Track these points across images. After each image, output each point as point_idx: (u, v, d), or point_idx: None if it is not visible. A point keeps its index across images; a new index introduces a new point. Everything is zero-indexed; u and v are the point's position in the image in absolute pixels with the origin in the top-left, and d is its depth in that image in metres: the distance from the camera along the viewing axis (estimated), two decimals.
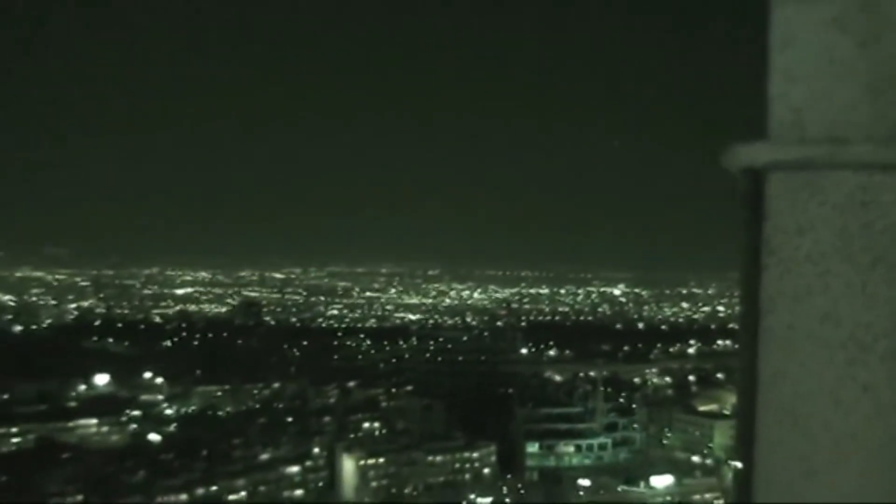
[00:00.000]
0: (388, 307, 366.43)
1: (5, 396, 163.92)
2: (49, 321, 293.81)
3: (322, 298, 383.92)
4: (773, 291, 2.82)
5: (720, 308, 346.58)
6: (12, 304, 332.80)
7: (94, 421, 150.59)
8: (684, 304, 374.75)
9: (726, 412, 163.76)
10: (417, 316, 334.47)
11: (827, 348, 2.75)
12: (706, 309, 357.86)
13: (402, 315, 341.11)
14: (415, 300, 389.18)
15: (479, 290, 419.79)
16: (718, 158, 2.94)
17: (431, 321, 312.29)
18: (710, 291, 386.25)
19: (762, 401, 2.87)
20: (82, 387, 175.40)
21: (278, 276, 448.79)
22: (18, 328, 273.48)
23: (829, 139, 2.71)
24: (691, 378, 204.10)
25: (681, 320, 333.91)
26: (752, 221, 2.86)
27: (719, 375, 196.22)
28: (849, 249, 2.70)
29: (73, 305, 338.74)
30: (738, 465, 3.03)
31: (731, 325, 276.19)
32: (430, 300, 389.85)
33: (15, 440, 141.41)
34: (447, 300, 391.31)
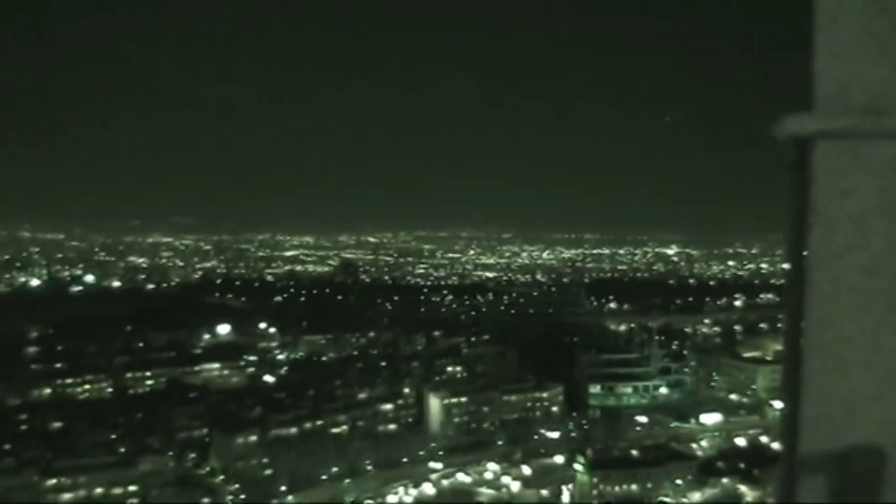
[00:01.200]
0: (468, 266, 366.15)
1: (140, 345, 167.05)
2: (177, 280, 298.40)
3: (410, 259, 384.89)
4: (819, 248, 2.86)
5: (763, 265, 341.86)
6: (145, 266, 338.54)
7: (217, 365, 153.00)
8: (731, 262, 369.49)
9: (768, 358, 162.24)
10: (493, 274, 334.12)
11: (867, 298, 2.80)
12: (751, 266, 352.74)
13: (479, 273, 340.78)
14: (491, 260, 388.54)
15: (547, 251, 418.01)
16: (766, 130, 2.94)
17: (505, 278, 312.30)
18: (753, 251, 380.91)
19: (808, 347, 2.88)
20: (206, 336, 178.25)
21: (372, 239, 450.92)
22: (151, 286, 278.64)
23: (869, 111, 2.76)
24: (737, 328, 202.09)
25: (728, 277, 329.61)
26: (799, 186, 2.89)
27: (762, 325, 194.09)
28: (887, 209, 2.76)
29: (198, 266, 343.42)
30: (784, 405, 3.05)
31: (772, 281, 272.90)
32: (505, 260, 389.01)
33: (149, 382, 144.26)
34: (519, 260, 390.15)
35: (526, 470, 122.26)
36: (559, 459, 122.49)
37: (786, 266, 3.01)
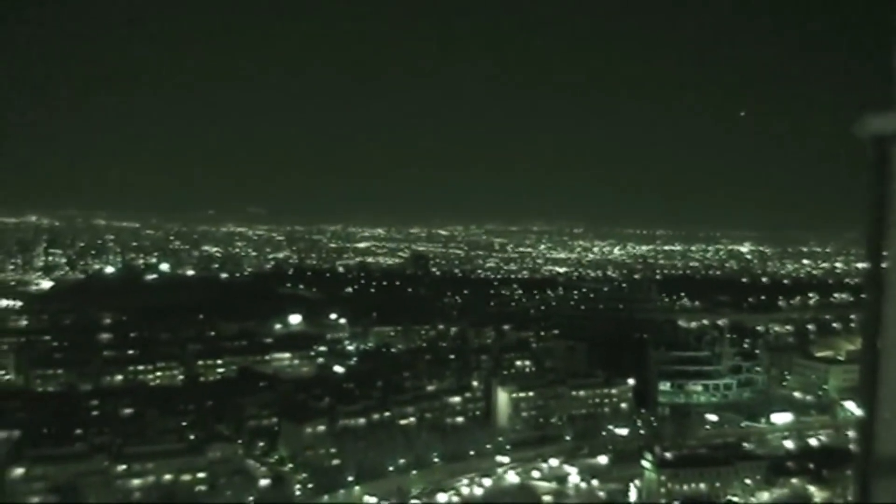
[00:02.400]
0: (538, 261, 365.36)
1: (212, 333, 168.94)
2: (250, 270, 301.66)
3: (481, 252, 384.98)
4: None
5: (837, 264, 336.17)
6: (219, 255, 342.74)
7: (287, 354, 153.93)
8: (805, 261, 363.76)
9: (841, 358, 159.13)
10: (564, 269, 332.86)
11: None
12: (825, 265, 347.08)
13: (550, 268, 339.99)
14: (562, 255, 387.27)
15: (618, 247, 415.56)
16: (846, 128, 2.89)
17: (576, 273, 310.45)
18: (828, 249, 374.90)
19: (886, 347, 2.79)
20: (277, 325, 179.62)
21: (443, 232, 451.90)
22: (224, 275, 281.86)
23: None
24: (810, 327, 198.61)
25: (801, 275, 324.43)
26: (879, 184, 2.82)
27: (835, 325, 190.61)
28: None
29: (270, 256, 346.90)
30: (860, 406, 3.00)
31: (847, 280, 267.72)
32: (575, 255, 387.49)
33: (220, 370, 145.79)
34: (590, 255, 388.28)
35: (593, 466, 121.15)
36: (627, 456, 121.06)
37: (864, 265, 2.96)
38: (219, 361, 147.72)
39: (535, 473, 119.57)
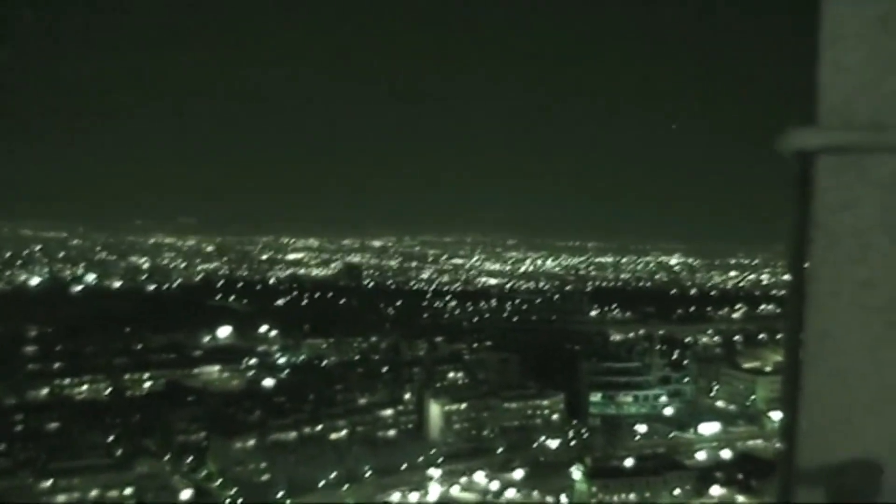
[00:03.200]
0: (472, 272, 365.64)
1: (139, 346, 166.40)
2: (179, 281, 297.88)
3: (414, 264, 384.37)
4: (819, 261, 2.83)
5: (764, 276, 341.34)
6: (146, 266, 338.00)
7: (217, 368, 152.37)
8: (732, 273, 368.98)
9: (768, 369, 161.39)
10: (497, 280, 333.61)
11: (867, 312, 2.78)
12: (752, 277, 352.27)
13: (483, 280, 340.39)
14: (495, 267, 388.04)
15: (551, 259, 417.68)
16: (770, 143, 2.92)
17: (509, 285, 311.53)
18: (755, 261, 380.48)
19: (807, 358, 2.86)
20: (206, 338, 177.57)
21: (377, 243, 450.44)
22: (152, 287, 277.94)
23: (872, 125, 2.74)
24: (737, 338, 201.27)
25: (729, 287, 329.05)
26: (801, 199, 2.87)
27: (762, 336, 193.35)
28: (888, 223, 2.73)
29: (200, 268, 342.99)
30: (782, 416, 3.05)
31: (774, 292, 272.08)
32: (509, 267, 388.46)
33: (147, 384, 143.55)
34: (523, 267, 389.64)
35: (524, 478, 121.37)
36: (559, 467, 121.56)
37: (787, 278, 3.03)
38: (146, 375, 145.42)
39: (466, 486, 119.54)
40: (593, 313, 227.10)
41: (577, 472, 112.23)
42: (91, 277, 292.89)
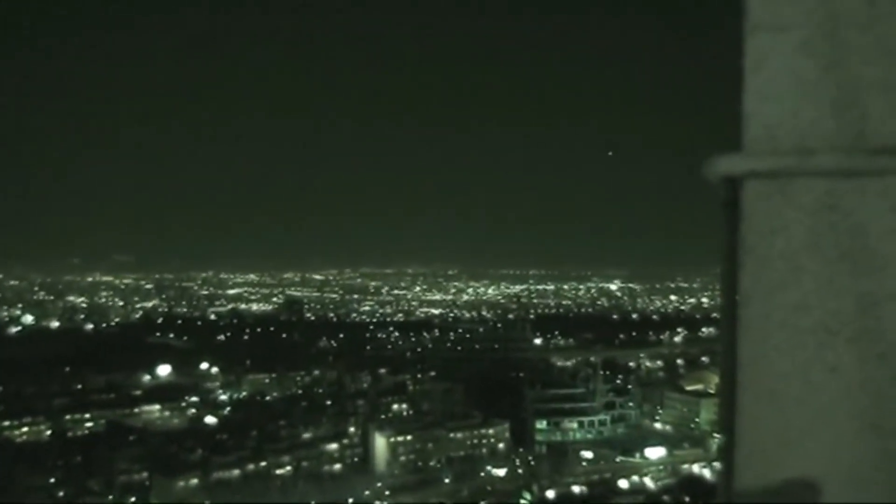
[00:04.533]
0: (414, 303, 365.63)
1: (79, 387, 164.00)
2: (117, 320, 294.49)
3: (356, 296, 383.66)
4: (750, 285, 2.83)
5: (704, 300, 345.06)
6: (84, 305, 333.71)
7: (157, 406, 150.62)
8: (673, 297, 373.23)
9: (711, 391, 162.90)
10: (439, 311, 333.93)
11: (799, 334, 2.78)
12: (692, 301, 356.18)
13: (425, 310, 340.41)
14: (437, 297, 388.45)
15: (492, 287, 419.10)
16: (700, 168, 2.97)
17: (451, 315, 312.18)
18: (695, 285, 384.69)
19: (742, 381, 2.88)
20: (147, 377, 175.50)
21: (318, 277, 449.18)
22: (90, 327, 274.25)
23: (797, 150, 2.76)
24: (679, 361, 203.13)
25: (670, 311, 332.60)
26: (730, 224, 2.88)
27: (704, 359, 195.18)
28: (817, 247, 2.73)
29: (138, 305, 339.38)
30: (722, 437, 3.05)
31: (714, 315, 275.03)
32: (450, 296, 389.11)
33: (88, 425, 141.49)
34: (465, 296, 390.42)
35: None
36: (505, 496, 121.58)
37: (719, 303, 3.03)
38: (86, 415, 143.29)
39: None
40: (536, 341, 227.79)
41: (523, 501, 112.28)
42: (29, 318, 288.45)
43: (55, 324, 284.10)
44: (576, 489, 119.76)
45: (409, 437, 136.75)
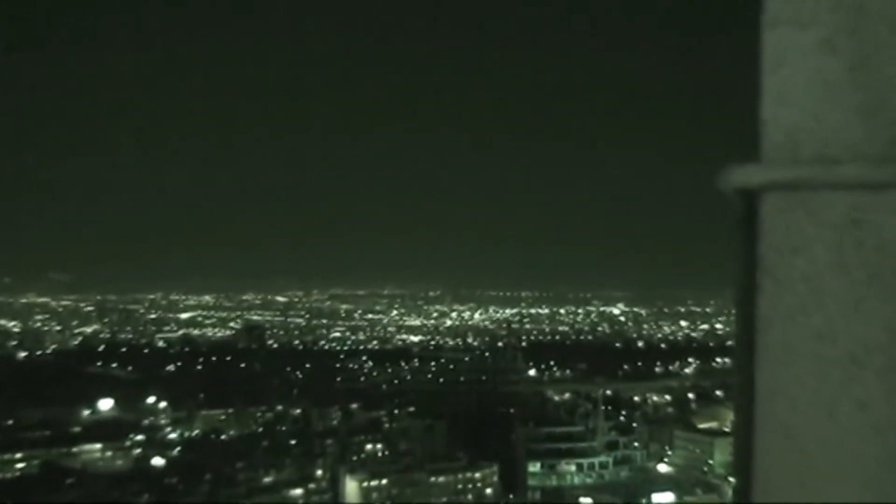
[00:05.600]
0: (390, 329, 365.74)
1: (9, 422, 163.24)
2: (53, 347, 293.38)
3: (324, 321, 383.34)
4: (769, 310, 2.79)
5: (718, 326, 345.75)
6: (16, 330, 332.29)
7: (98, 446, 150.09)
8: (683, 323, 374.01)
9: (726, 429, 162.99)
10: (419, 337, 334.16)
11: (823, 365, 2.72)
12: (705, 327, 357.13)
13: (403, 337, 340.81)
14: (416, 322, 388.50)
15: (479, 311, 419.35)
16: (713, 179, 2.90)
17: (433, 342, 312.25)
18: (708, 309, 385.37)
19: (759, 417, 2.83)
20: (86, 412, 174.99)
21: (281, 299, 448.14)
22: (23, 354, 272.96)
23: (820, 159, 2.72)
24: (691, 396, 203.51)
25: (680, 338, 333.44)
26: (746, 241, 2.84)
27: (718, 393, 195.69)
28: (843, 267, 2.69)
29: (78, 331, 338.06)
30: (736, 479, 2.99)
31: (729, 343, 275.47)
32: (432, 321, 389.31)
33: (19, 465, 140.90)
34: (448, 321, 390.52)
35: None
36: None
37: (735, 329, 2.94)
38: (18, 455, 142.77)
39: None
40: (530, 372, 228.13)
41: None
42: None
43: None
44: None
45: (384, 482, 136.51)
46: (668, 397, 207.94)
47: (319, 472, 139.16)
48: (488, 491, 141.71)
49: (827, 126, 2.74)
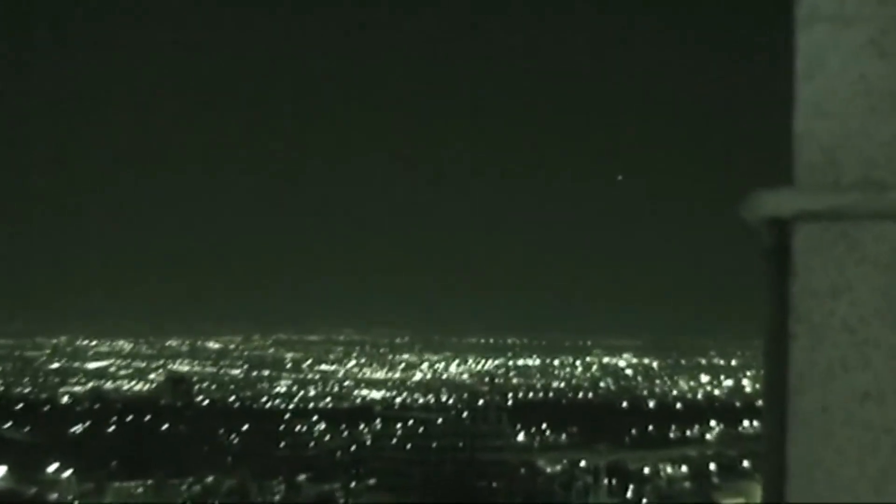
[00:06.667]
0: (347, 383, 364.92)
1: None
2: None
3: (267, 373, 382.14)
4: (804, 365, 2.68)
5: (746, 382, 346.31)
6: None
7: None
8: (703, 378, 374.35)
9: None
10: (382, 393, 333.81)
11: (869, 432, 2.63)
12: (729, 383, 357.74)
13: (363, 392, 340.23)
14: (379, 374, 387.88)
15: (456, 362, 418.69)
16: (739, 207, 2.82)
17: (399, 400, 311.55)
18: (733, 362, 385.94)
19: (793, 495, 2.72)
20: None
21: (213, 345, 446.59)
22: None
23: (866, 183, 2.63)
24: (712, 467, 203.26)
25: (699, 397, 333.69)
26: (777, 281, 2.75)
27: (746, 464, 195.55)
28: (892, 314, 2.59)
29: None
30: None
31: (759, 403, 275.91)
32: (398, 374, 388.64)
33: None
34: (418, 374, 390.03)
35: None
36: None
37: (762, 384, 2.91)
38: None
39: None
40: (518, 437, 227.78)
41: None
42: None
43: None
44: None
45: None
46: (685, 469, 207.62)
47: None
48: None
49: (873, 143, 2.65)
